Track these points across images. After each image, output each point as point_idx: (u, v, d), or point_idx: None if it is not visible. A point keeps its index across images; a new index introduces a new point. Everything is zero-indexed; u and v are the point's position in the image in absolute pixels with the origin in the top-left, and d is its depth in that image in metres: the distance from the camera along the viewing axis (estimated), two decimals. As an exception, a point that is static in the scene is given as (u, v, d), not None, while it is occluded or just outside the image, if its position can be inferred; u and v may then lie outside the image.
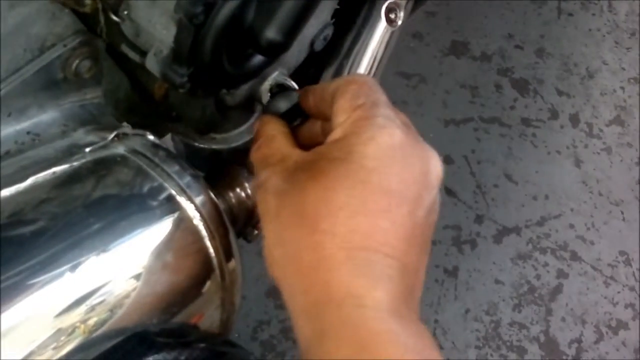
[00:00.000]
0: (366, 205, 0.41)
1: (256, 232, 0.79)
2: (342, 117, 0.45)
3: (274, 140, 0.50)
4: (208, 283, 0.54)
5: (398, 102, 1.37)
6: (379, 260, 0.40)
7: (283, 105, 0.56)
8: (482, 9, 1.49)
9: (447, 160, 1.30)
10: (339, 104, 0.46)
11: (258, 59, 0.65)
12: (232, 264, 0.56)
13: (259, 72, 0.68)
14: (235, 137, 0.81)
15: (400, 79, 1.39)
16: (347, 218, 0.41)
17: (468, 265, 1.19)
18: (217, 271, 0.54)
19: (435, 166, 0.44)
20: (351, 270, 0.40)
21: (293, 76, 0.79)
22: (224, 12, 0.55)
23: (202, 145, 0.81)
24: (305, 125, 0.54)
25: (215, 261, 0.55)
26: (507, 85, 1.41)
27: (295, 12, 0.61)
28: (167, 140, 0.76)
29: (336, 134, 0.45)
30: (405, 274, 0.41)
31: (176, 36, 0.56)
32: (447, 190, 1.27)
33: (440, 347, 1.12)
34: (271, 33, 0.59)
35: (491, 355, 1.11)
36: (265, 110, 0.58)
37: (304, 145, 0.49)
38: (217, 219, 0.56)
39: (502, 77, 1.41)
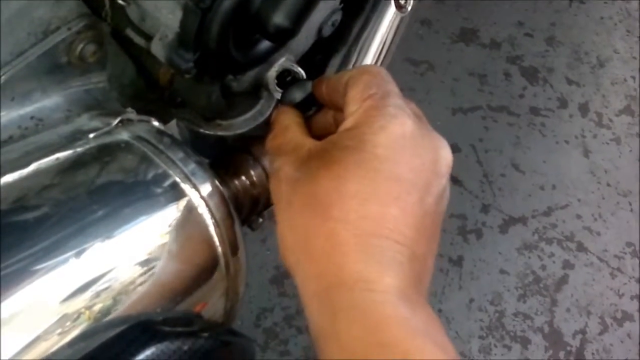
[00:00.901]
0: (377, 193, 0.42)
1: (260, 220, 0.79)
2: (354, 106, 0.46)
3: (288, 129, 0.51)
4: (212, 272, 0.54)
5: (406, 89, 1.35)
6: (389, 247, 0.41)
7: (298, 95, 0.56)
8: (492, -4, 1.47)
9: (454, 149, 1.28)
10: (351, 94, 0.47)
11: (265, 44, 0.64)
12: (237, 252, 0.55)
13: (266, 58, 0.67)
14: (241, 124, 0.80)
15: (408, 66, 1.38)
16: (359, 205, 0.42)
17: (473, 255, 1.18)
18: (222, 260, 0.54)
19: (445, 155, 0.45)
20: (362, 256, 0.41)
21: (300, 62, 0.78)
22: (233, -4, 0.54)
23: (207, 132, 0.80)
24: (319, 114, 0.54)
25: (219, 250, 0.54)
26: (517, 73, 1.39)
27: (303, -2, 0.60)
28: (172, 126, 0.75)
29: (348, 123, 0.46)
30: (414, 261, 0.42)
31: (182, 21, 0.55)
32: (454, 179, 1.26)
33: (444, 337, 1.11)
34: (279, 18, 0.58)
35: (495, 345, 1.11)
36: (280, 100, 0.58)
37: (317, 134, 0.50)
38: (223, 207, 0.56)
39: (512, 65, 1.40)
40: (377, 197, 0.42)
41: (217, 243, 0.54)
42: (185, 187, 0.52)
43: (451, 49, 1.40)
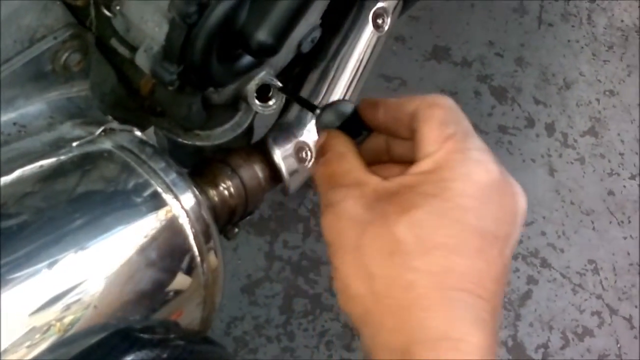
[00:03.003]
0: (462, 245, 0.40)
1: (236, 230, 0.80)
2: (431, 147, 0.43)
3: (344, 158, 0.47)
4: (190, 281, 0.55)
5: (378, 104, 1.38)
6: (474, 303, 0.39)
7: (337, 117, 0.51)
8: (465, 16, 1.50)
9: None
10: (425, 132, 0.43)
11: (247, 59, 0.66)
12: (215, 262, 0.56)
13: (248, 72, 0.68)
14: (219, 135, 0.81)
15: (381, 82, 1.40)
16: (443, 258, 0.40)
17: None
18: (200, 269, 0.55)
19: (523, 204, 0.44)
20: (446, 312, 0.39)
21: (279, 76, 0.80)
22: (217, 12, 0.56)
23: (185, 142, 0.81)
24: (369, 139, 0.50)
25: (198, 259, 0.55)
26: (486, 92, 1.43)
27: (287, 15, 0.61)
28: (150, 134, 0.76)
29: (425, 165, 0.42)
30: (494, 317, 0.40)
31: (168, 34, 0.56)
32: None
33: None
34: (262, 35, 0.59)
35: (460, 357, 1.14)
36: (317, 122, 0.53)
37: (367, 160, 0.47)
38: (203, 218, 0.57)
39: (482, 83, 1.43)
40: (462, 249, 0.40)
41: (197, 253, 0.55)
42: (167, 197, 0.53)
43: (423, 66, 1.44)
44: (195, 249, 0.55)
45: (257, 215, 1.21)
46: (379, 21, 0.83)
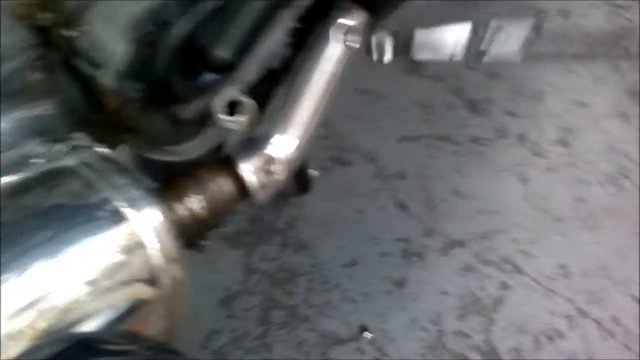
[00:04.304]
0: None
1: (207, 242, 0.82)
2: None
3: None
4: (153, 293, 0.56)
5: (355, 118, 1.41)
6: None
7: None
8: (438, 31, 1.54)
9: (400, 176, 1.34)
10: None
11: (210, 75, 0.68)
12: (178, 274, 0.58)
13: (212, 88, 0.70)
14: (189, 150, 0.83)
15: (357, 95, 1.43)
16: None
17: (416, 277, 1.23)
18: (163, 281, 0.57)
19: None
20: None
21: (247, 92, 0.82)
22: (179, 31, 0.58)
23: (155, 157, 0.83)
24: None
25: (160, 272, 0.57)
26: (459, 104, 1.46)
27: (245, 31, 0.64)
28: (120, 152, 0.77)
29: None
30: None
31: (131, 52, 0.58)
32: (399, 204, 1.31)
33: (386, 356, 1.15)
34: (221, 51, 0.62)
35: (435, 363, 1.16)
36: None
37: None
38: (166, 233, 0.58)
39: (455, 96, 1.47)
40: None
41: (158, 266, 0.57)
42: (130, 212, 0.55)
43: (399, 80, 1.47)
44: (156, 261, 0.56)
45: (234, 228, 1.23)
46: (349, 38, 0.85)
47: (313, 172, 1.23)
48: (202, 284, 1.18)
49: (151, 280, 0.57)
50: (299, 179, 1.20)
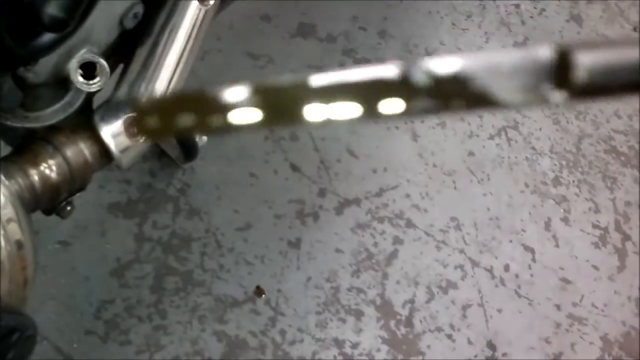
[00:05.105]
0: None
1: (69, 208, 0.81)
2: None
3: None
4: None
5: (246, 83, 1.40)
6: None
7: None
8: (329, -8, 1.55)
9: (293, 138, 1.35)
10: None
11: (48, 35, 0.66)
12: (17, 233, 0.57)
13: (52, 49, 0.69)
14: (49, 115, 0.81)
15: (248, 59, 1.43)
16: None
17: (311, 237, 1.25)
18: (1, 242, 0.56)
19: None
20: None
21: (106, 54, 0.81)
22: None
23: (14, 124, 0.80)
24: None
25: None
26: (351, 65, 1.47)
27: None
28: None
29: None
30: None
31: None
32: (292, 166, 1.32)
33: (282, 315, 1.17)
34: (52, 9, 0.60)
35: (330, 319, 1.18)
36: None
37: None
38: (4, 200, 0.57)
39: (346, 57, 1.48)
40: None
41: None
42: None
43: (290, 43, 1.47)
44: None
45: (125, 198, 1.22)
46: (203, -6, 0.84)
47: (202, 138, 1.22)
48: (93, 255, 1.16)
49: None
50: (184, 144, 1.19)
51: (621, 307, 1.34)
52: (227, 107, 0.32)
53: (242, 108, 0.31)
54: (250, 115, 0.32)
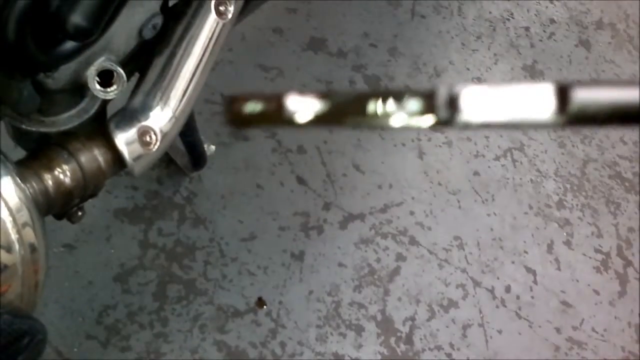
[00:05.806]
0: None
1: (80, 213, 0.81)
2: None
3: None
4: (8, 258, 0.56)
5: (257, 94, 1.40)
6: None
7: None
8: (341, 9, 1.56)
9: (300, 151, 1.36)
10: None
11: (70, 43, 0.67)
12: (32, 238, 0.58)
13: (73, 57, 0.70)
14: (64, 121, 0.82)
15: (259, 72, 1.44)
16: None
17: (314, 250, 1.25)
18: (15, 245, 0.56)
19: None
20: None
21: (123, 63, 0.81)
22: (24, -4, 0.57)
23: (30, 128, 0.81)
24: None
25: (17, 246, 0.57)
26: (360, 80, 1.49)
27: (100, -1, 0.63)
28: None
29: None
30: None
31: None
32: (299, 179, 1.33)
33: (283, 327, 1.17)
34: (77, 18, 0.61)
35: (331, 333, 1.19)
36: None
37: None
38: (20, 203, 0.58)
39: (356, 73, 1.49)
40: None
41: (13, 237, 0.56)
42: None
43: (301, 57, 1.48)
44: (11, 233, 0.56)
45: (131, 204, 1.22)
46: (222, 9, 0.86)
47: (210, 147, 1.23)
48: (98, 260, 1.17)
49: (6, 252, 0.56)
50: (193, 153, 1.20)
51: (621, 333, 1.34)
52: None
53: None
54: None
